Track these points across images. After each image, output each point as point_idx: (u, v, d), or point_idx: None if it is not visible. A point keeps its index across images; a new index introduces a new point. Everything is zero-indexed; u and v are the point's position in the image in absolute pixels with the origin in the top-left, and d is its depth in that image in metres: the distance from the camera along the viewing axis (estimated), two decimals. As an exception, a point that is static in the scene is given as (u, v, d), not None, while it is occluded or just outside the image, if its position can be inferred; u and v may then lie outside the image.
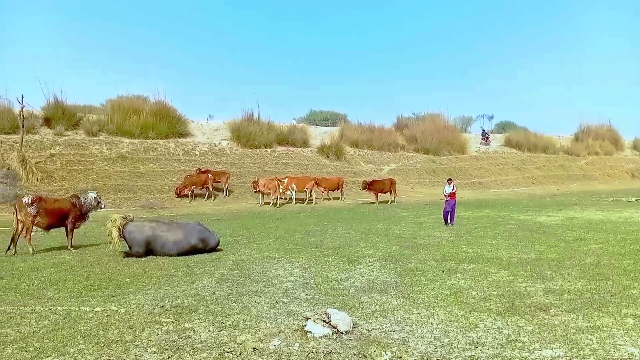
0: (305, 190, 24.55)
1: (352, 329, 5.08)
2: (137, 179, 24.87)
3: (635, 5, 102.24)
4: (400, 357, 4.43)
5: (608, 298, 6.27)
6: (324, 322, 5.11)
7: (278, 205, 22.72)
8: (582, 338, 4.84)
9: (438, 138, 39.56)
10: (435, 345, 4.69)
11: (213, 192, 24.74)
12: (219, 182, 25.25)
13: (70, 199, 11.06)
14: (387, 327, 5.23)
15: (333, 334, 4.95)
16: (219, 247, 10.30)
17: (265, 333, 5.05)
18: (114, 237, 9.56)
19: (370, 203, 24.58)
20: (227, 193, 25.50)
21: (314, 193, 24.88)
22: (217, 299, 6.37)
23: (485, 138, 45.54)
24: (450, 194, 14.75)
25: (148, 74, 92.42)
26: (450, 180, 15.34)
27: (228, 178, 25.52)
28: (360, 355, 4.46)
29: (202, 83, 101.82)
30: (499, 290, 6.73)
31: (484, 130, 48.20)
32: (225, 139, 31.89)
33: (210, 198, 24.49)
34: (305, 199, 24.76)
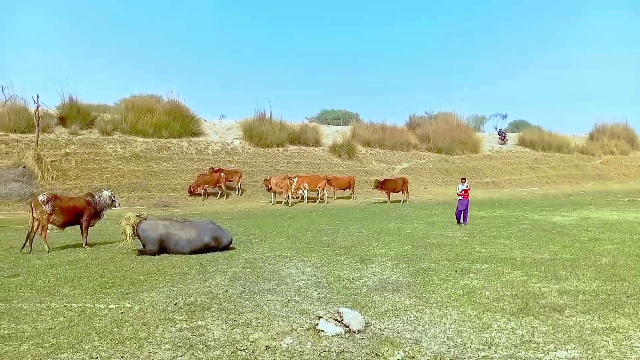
0: (317, 189, 24.56)
1: (364, 328, 5.08)
2: (150, 178, 25.08)
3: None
4: (413, 356, 4.42)
5: (624, 299, 6.18)
6: (336, 321, 5.11)
7: (290, 204, 22.75)
8: (597, 339, 4.78)
9: (451, 137, 39.33)
10: (449, 345, 4.67)
11: (226, 191, 24.86)
12: (232, 181, 25.36)
13: (85, 197, 11.17)
14: (399, 326, 5.22)
15: (345, 333, 4.94)
16: (232, 245, 10.34)
17: (278, 331, 5.07)
18: (128, 235, 9.65)
19: (382, 202, 24.51)
20: (239, 192, 25.60)
21: (326, 192, 24.88)
22: (229, 297, 6.40)
23: (502, 137, 45.28)
24: (464, 192, 14.65)
25: (161, 74, 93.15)
26: (464, 180, 15.24)
27: (240, 177, 25.62)
28: (373, 355, 4.45)
29: (214, 83, 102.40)
30: (513, 291, 6.67)
31: (501, 130, 47.89)
32: (238, 138, 32.02)
33: (223, 197, 24.61)
34: (317, 198, 24.77)
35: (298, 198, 24.37)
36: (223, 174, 24.66)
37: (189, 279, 7.48)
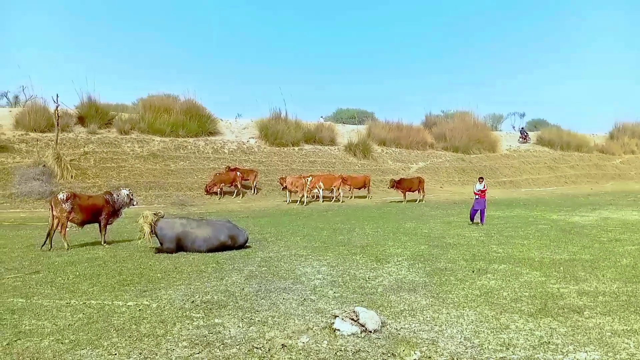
0: (333, 189, 24.54)
1: (380, 328, 5.06)
2: (167, 177, 25.31)
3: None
4: (430, 357, 4.39)
5: (646, 301, 6.08)
6: (352, 320, 5.10)
7: (305, 203, 22.79)
8: (618, 341, 4.71)
9: (468, 136, 38.95)
10: (466, 346, 4.63)
11: (241, 189, 24.98)
12: (247, 180, 25.46)
13: (104, 196, 11.31)
14: (416, 326, 5.20)
15: (361, 333, 4.94)
16: (248, 244, 10.39)
17: (294, 330, 5.08)
18: (146, 233, 9.76)
19: (398, 202, 24.40)
20: (255, 191, 25.70)
21: (341, 191, 24.85)
22: (246, 295, 6.43)
23: (524, 137, 44.82)
24: (481, 192, 14.54)
25: (178, 74, 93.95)
26: (482, 179, 15.11)
27: (256, 176, 25.71)
28: (389, 354, 4.44)
29: (230, 82, 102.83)
30: (531, 291, 6.60)
31: (523, 128, 47.36)
32: (254, 138, 32.14)
33: (239, 196, 24.72)
34: (332, 197, 24.76)
35: (313, 197, 24.38)
36: (239, 173, 24.77)
37: (206, 277, 7.54)
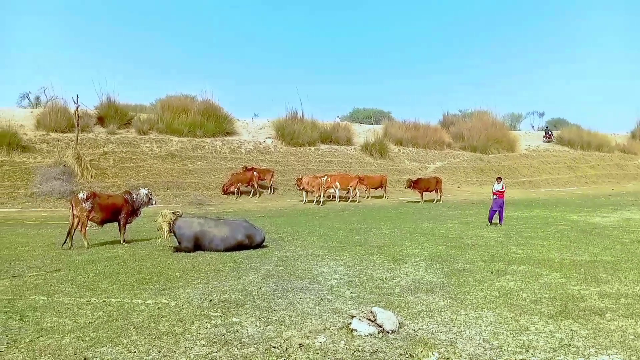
0: (349, 188, 24.50)
1: (398, 329, 5.04)
2: (185, 176, 25.54)
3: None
4: (448, 358, 4.36)
5: (670, 304, 5.95)
6: (370, 320, 5.09)
7: (321, 203, 22.79)
8: (641, 345, 4.61)
9: (486, 135, 38.55)
10: (484, 348, 4.58)
11: (258, 189, 25.09)
12: (264, 179, 25.57)
13: (123, 195, 11.46)
14: (434, 327, 5.16)
15: (379, 333, 4.92)
16: (264, 243, 10.43)
17: (311, 330, 5.08)
18: (165, 231, 9.86)
19: (415, 202, 24.27)
20: (271, 190, 25.79)
21: (358, 191, 24.79)
22: (263, 295, 6.46)
23: (549, 136, 44.31)
24: (499, 193, 14.40)
25: (194, 74, 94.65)
26: (500, 179, 14.95)
27: (272, 176, 25.80)
28: (407, 355, 4.42)
29: (246, 82, 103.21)
30: (551, 293, 6.51)
31: (547, 127, 46.79)
32: (270, 137, 32.26)
33: (256, 195, 24.83)
34: (349, 197, 24.72)
35: (329, 197, 24.37)
36: (256, 173, 24.88)
37: (223, 276, 7.59)
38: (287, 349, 4.56)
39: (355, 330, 4.98)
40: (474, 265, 8.34)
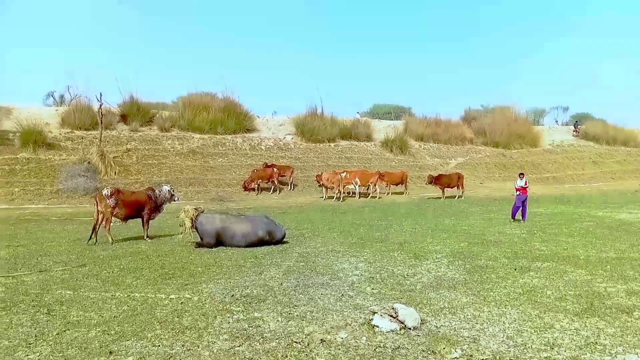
0: (369, 185, 24.41)
1: (420, 325, 5.00)
2: (207, 173, 25.78)
3: None
4: (471, 355, 4.31)
5: (701, 302, 5.78)
6: (391, 317, 5.06)
7: (341, 200, 22.76)
8: (671, 344, 4.50)
9: (508, 131, 38.03)
10: (508, 345, 4.52)
11: (278, 186, 25.19)
12: (284, 176, 25.67)
13: (146, 192, 11.61)
14: (456, 324, 5.11)
15: (400, 329, 4.89)
16: (285, 239, 10.47)
17: (332, 325, 5.08)
18: (187, 226, 9.97)
19: (436, 198, 24.07)
20: (291, 187, 25.87)
21: (378, 187, 24.70)
22: (284, 290, 6.48)
23: (578, 131, 43.64)
24: (522, 189, 14.19)
25: (215, 71, 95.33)
26: (522, 175, 14.73)
27: (292, 172, 25.89)
28: (429, 352, 4.38)
29: (266, 79, 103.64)
30: (576, 290, 6.39)
31: (577, 122, 46.03)
32: (290, 134, 32.34)
33: (276, 192, 24.94)
34: (369, 193, 24.64)
35: (348, 193, 24.33)
36: (276, 169, 25.00)
37: (245, 272, 7.64)
38: (308, 344, 4.57)
39: (377, 327, 4.96)
40: (497, 262, 8.23)
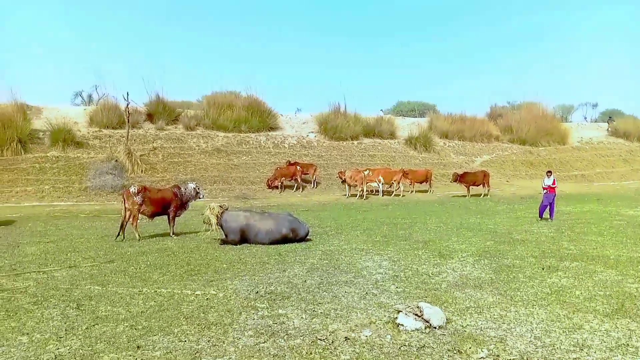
0: (393, 182, 24.27)
1: (445, 324, 4.96)
2: (231, 171, 26.01)
3: None
4: (498, 355, 4.26)
5: None
6: (416, 315, 5.03)
7: (365, 197, 22.70)
8: None
9: (535, 128, 37.23)
10: (536, 345, 4.45)
11: (301, 183, 25.25)
12: (307, 174, 25.70)
13: (172, 189, 11.78)
14: (482, 324, 5.05)
15: (425, 328, 4.86)
16: (309, 237, 10.49)
17: (357, 323, 5.07)
18: (213, 223, 10.08)
19: (462, 196, 23.78)
20: (314, 185, 25.90)
21: (402, 185, 24.53)
22: (308, 288, 6.50)
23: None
24: (550, 187, 13.92)
25: (239, 70, 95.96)
26: (550, 173, 14.44)
27: (316, 170, 25.90)
28: (455, 351, 4.34)
29: (290, 77, 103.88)
30: (606, 291, 6.24)
31: (610, 117, 45.04)
32: (313, 132, 32.36)
33: (299, 189, 25.01)
34: (393, 191, 24.51)
35: (371, 191, 24.23)
36: (299, 167, 25.05)
37: (269, 269, 7.68)
38: (333, 342, 4.58)
39: (402, 325, 4.94)
40: (524, 261, 8.10)
